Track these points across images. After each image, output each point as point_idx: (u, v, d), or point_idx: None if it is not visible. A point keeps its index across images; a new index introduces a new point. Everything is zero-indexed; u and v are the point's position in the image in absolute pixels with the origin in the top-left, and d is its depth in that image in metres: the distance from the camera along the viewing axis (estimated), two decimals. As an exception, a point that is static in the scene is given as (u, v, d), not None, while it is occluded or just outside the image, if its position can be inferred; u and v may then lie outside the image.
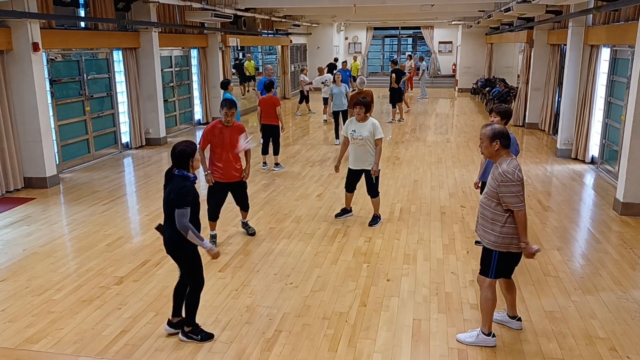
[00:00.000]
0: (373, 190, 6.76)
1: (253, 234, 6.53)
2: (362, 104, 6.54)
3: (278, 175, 9.48)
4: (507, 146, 3.89)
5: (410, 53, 28.18)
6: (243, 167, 6.17)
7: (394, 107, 15.58)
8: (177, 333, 4.29)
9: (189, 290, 4.24)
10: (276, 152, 9.86)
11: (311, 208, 7.58)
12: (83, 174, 9.58)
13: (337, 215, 7.12)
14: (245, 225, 6.61)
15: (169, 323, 4.36)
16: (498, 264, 4.00)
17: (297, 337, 4.28)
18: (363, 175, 6.78)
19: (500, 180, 3.82)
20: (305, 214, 7.31)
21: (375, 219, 6.88)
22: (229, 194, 6.24)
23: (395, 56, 30.12)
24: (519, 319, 4.36)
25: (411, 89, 23.60)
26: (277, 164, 9.85)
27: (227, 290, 5.09)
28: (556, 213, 7.32)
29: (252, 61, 21.88)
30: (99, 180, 9.14)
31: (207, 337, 4.25)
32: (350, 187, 6.92)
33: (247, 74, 21.15)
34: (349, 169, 6.84)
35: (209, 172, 6.01)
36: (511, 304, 4.34)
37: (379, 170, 6.70)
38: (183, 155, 3.97)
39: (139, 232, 6.82)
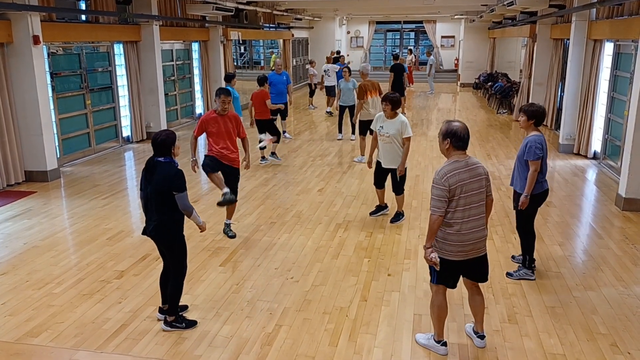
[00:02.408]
0: (398, 187, 6.64)
1: (233, 236, 6.28)
2: (389, 100, 6.36)
3: (279, 169, 9.46)
4: (457, 146, 3.69)
5: (411, 47, 28.08)
6: (239, 157, 6.24)
7: None
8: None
9: (173, 278, 4.28)
10: (277, 141, 9.80)
11: (312, 203, 7.57)
12: (84, 168, 9.57)
13: (371, 213, 6.98)
14: (227, 227, 6.38)
15: (160, 310, 4.46)
16: (438, 270, 3.81)
17: (297, 332, 4.27)
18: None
19: (432, 181, 3.74)
20: (307, 209, 7.30)
21: (397, 216, 6.77)
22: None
23: (397, 50, 30.04)
24: (481, 337, 4.05)
25: (411, 84, 23.53)
26: (273, 153, 9.84)
27: (228, 284, 5.08)
28: (558, 208, 7.30)
29: (274, 54, 21.83)
30: (99, 174, 9.13)
31: (192, 324, 4.34)
32: (379, 183, 6.78)
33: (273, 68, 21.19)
34: (378, 163, 6.68)
35: (194, 159, 6.13)
36: (476, 319, 4.10)
37: (405, 169, 6.55)
38: (165, 143, 4.12)
39: (140, 226, 6.78)
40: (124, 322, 4.41)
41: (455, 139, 3.69)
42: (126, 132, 11.65)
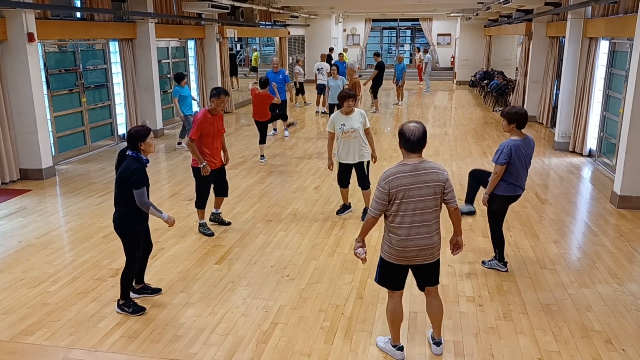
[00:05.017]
0: (365, 181, 6.68)
1: (229, 223, 6.57)
2: (352, 96, 6.47)
3: (275, 167, 9.45)
4: (406, 148, 3.58)
5: (419, 46, 28.06)
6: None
7: (375, 97, 15.74)
8: (140, 298, 4.73)
9: (124, 267, 4.46)
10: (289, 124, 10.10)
11: (308, 200, 7.56)
12: (79, 166, 9.54)
13: (338, 212, 7.01)
14: (218, 215, 6.58)
15: (133, 289, 4.73)
16: (380, 270, 3.80)
17: (293, 330, 4.27)
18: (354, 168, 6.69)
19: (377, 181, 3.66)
20: (303, 207, 7.29)
21: (366, 212, 6.79)
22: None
23: (393, 48, 30.07)
24: (437, 343, 3.96)
25: (420, 81, 23.51)
26: (262, 156, 9.87)
27: (224, 282, 5.08)
28: (553, 206, 7.31)
29: (257, 52, 21.78)
30: (95, 172, 9.10)
31: (139, 309, 4.48)
32: (344, 182, 6.80)
33: (253, 65, 21.22)
34: (342, 164, 6.69)
35: (205, 163, 6.00)
36: (433, 325, 4.00)
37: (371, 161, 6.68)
38: (132, 137, 4.26)
39: (135, 224, 6.79)
40: (119, 320, 4.40)
41: (404, 140, 3.58)
42: (122, 129, 11.60)
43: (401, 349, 3.91)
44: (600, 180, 8.62)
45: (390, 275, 3.80)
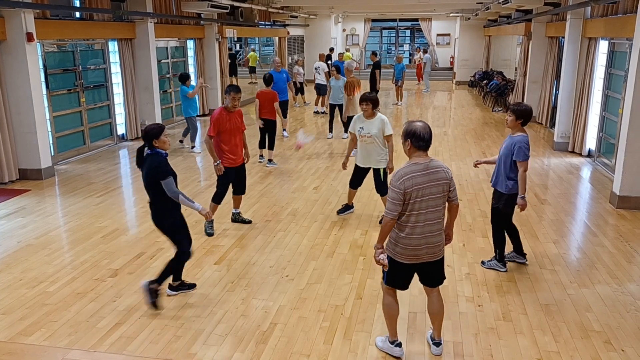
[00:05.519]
0: (382, 188, 6.57)
1: (250, 221, 6.62)
2: (369, 99, 6.33)
3: (275, 167, 9.44)
4: (419, 147, 3.56)
5: (419, 46, 28.07)
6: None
7: None
8: (177, 295, 4.83)
9: (174, 256, 4.59)
10: (271, 148, 9.65)
11: (308, 201, 7.56)
12: (78, 166, 9.53)
13: (339, 212, 6.98)
14: (239, 215, 6.66)
15: (170, 287, 4.83)
16: (390, 270, 3.75)
17: (292, 330, 4.27)
18: (371, 173, 6.61)
19: (389, 182, 3.64)
20: (302, 207, 7.29)
21: None
22: None
23: (393, 48, 30.08)
24: (437, 344, 3.96)
25: (420, 81, 23.51)
26: (270, 161, 9.64)
27: (223, 282, 5.07)
28: (553, 206, 7.32)
29: (255, 52, 21.75)
30: (94, 172, 9.10)
31: (154, 303, 4.51)
32: (355, 184, 6.76)
33: (251, 64, 21.20)
34: (357, 166, 6.66)
35: (219, 161, 6.07)
36: (433, 325, 4.00)
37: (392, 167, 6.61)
38: (147, 135, 4.43)
39: (135, 224, 6.79)
40: (118, 320, 4.40)
41: (415, 138, 3.56)
42: (121, 129, 11.61)
43: (399, 345, 3.92)
44: (599, 180, 8.62)
45: (400, 275, 3.79)
